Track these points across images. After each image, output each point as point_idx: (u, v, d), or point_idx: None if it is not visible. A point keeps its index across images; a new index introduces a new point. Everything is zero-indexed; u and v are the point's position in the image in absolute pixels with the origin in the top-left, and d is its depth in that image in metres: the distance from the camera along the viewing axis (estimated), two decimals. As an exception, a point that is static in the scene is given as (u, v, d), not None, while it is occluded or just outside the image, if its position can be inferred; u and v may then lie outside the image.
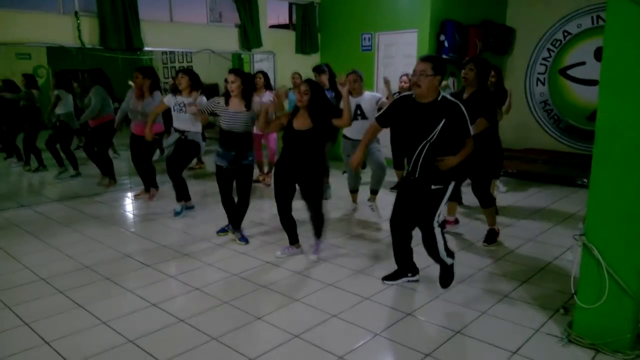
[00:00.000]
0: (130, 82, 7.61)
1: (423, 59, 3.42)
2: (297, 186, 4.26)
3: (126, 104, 6.18)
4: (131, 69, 6.73)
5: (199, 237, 4.95)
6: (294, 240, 4.46)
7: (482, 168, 4.58)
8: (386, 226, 4.22)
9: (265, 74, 6.68)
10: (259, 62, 8.41)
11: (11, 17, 5.78)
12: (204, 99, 5.17)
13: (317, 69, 6.50)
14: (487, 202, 4.69)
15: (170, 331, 3.15)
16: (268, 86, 6.66)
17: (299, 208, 4.51)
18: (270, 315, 3.34)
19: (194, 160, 7.70)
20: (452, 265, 3.71)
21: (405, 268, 3.84)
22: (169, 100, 5.39)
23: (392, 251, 3.84)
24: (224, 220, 4.98)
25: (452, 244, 4.55)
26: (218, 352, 2.92)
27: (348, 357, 2.84)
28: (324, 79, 6.44)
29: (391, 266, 3.92)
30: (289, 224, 4.38)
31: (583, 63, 8.38)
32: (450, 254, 3.69)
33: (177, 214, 5.58)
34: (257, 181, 6.90)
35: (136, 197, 6.43)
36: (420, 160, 3.44)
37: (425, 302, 3.56)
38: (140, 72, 5.84)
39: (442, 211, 3.59)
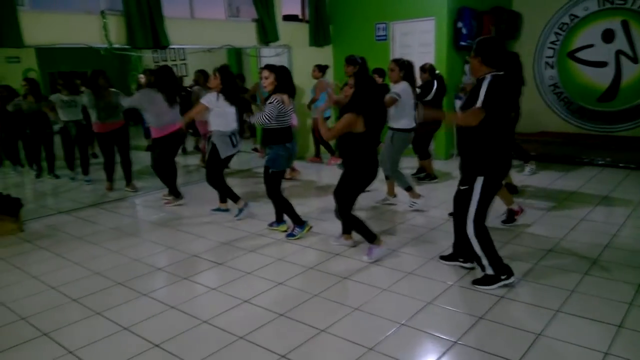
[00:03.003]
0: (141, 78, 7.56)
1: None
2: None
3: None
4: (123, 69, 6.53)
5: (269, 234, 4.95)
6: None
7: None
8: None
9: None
10: (269, 57, 8.20)
11: (37, 18, 5.60)
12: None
13: (349, 60, 6.51)
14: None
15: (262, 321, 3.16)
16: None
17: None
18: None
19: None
20: (492, 276, 3.57)
21: (457, 252, 3.94)
22: (210, 100, 5.21)
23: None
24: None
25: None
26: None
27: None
28: (350, 70, 6.47)
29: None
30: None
31: (591, 45, 8.56)
32: (497, 264, 3.55)
33: (236, 216, 5.49)
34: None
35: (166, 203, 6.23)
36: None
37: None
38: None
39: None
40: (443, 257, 4.09)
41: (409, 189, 5.54)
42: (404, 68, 5.41)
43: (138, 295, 3.70)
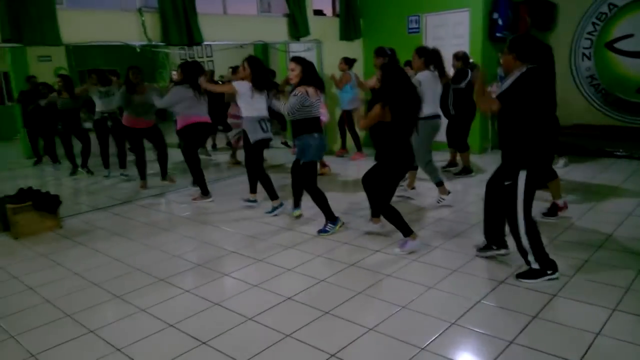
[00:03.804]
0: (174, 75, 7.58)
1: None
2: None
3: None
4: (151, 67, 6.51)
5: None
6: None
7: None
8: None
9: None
10: (299, 52, 8.15)
11: (74, 16, 5.65)
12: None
13: (379, 51, 6.39)
14: None
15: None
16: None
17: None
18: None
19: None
20: (538, 270, 3.51)
21: (490, 239, 3.89)
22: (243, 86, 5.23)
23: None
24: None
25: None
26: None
27: (523, 341, 2.80)
28: (379, 61, 6.34)
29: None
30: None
31: (631, 35, 8.28)
32: (543, 260, 3.50)
33: (267, 212, 5.49)
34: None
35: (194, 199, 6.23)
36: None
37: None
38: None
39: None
40: (479, 250, 4.04)
41: (439, 184, 5.43)
42: (424, 55, 5.32)
43: (182, 292, 3.69)
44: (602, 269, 3.67)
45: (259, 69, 5.23)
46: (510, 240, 3.73)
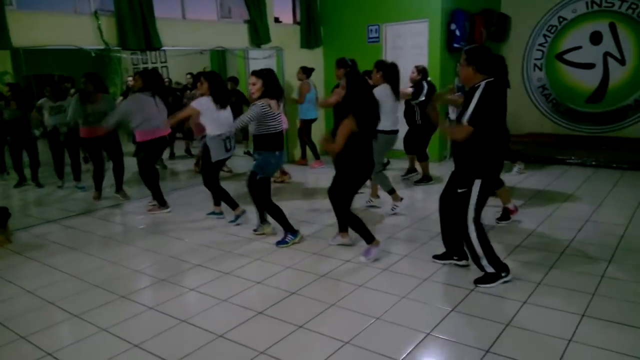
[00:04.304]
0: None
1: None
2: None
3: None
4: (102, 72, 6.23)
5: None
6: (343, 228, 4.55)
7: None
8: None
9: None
10: (258, 59, 8.06)
11: (28, 19, 5.37)
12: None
13: (340, 62, 6.38)
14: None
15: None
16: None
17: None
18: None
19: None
20: (493, 274, 3.61)
21: (451, 250, 4.00)
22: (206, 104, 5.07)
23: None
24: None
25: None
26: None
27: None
28: (341, 72, 6.34)
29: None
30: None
31: (579, 47, 8.66)
32: (495, 263, 3.60)
33: (231, 221, 5.39)
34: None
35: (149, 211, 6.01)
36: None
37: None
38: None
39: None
40: (436, 257, 4.13)
41: (391, 191, 5.51)
42: (382, 69, 5.36)
43: (145, 309, 3.52)
44: (567, 275, 3.75)
45: (217, 83, 5.12)
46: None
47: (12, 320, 3.42)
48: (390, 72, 5.35)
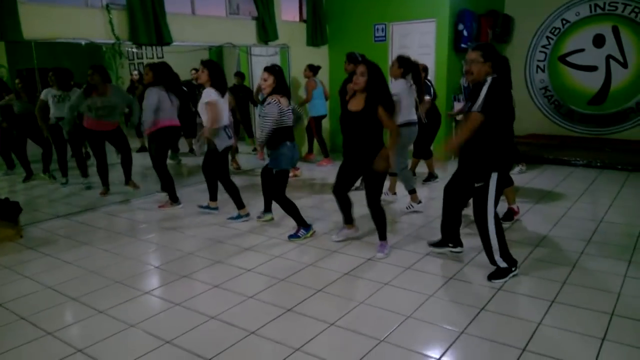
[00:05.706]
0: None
1: (473, 48, 3.61)
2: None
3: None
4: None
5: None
6: (348, 220, 4.57)
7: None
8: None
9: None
10: (260, 56, 8.00)
11: (39, 12, 5.29)
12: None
13: (350, 57, 6.35)
14: None
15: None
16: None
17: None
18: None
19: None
20: (505, 269, 3.69)
21: (447, 237, 4.11)
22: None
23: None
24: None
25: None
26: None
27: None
28: (351, 67, 6.34)
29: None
30: (344, 203, 4.44)
31: (582, 50, 8.74)
32: (507, 258, 3.69)
33: (231, 218, 5.37)
34: None
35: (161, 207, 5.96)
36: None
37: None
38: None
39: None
40: (433, 244, 4.23)
41: (412, 191, 5.50)
42: (403, 65, 5.33)
43: (172, 305, 3.49)
44: (588, 275, 3.80)
45: (216, 71, 5.06)
46: (465, 240, 4.18)
47: (37, 316, 3.37)
48: (408, 67, 5.32)
